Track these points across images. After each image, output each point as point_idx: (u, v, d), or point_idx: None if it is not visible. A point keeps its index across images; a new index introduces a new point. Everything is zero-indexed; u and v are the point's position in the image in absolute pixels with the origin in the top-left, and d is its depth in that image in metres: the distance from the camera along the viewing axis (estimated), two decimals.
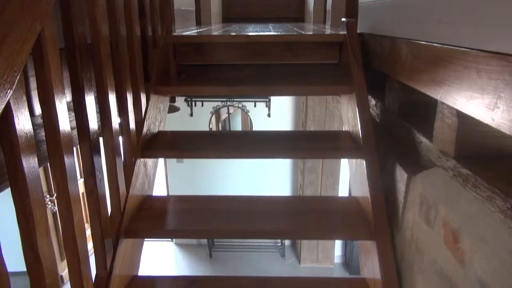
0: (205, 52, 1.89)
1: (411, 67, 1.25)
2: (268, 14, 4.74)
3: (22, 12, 0.76)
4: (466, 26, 0.90)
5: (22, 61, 0.74)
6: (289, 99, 5.10)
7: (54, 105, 0.86)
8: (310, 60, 1.90)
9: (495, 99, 0.77)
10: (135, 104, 1.45)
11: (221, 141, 1.72)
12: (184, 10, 2.58)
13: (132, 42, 1.41)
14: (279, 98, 5.08)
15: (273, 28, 2.66)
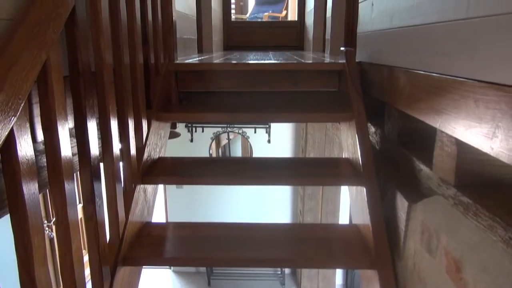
0: (206, 80, 1.92)
1: (409, 96, 1.27)
2: (269, 42, 4.83)
3: (29, 41, 0.78)
4: (463, 56, 0.92)
5: (27, 89, 0.75)
6: (289, 125, 5.13)
7: (57, 132, 0.86)
8: (310, 88, 1.93)
9: (493, 128, 0.78)
10: (137, 130, 1.46)
11: (221, 167, 1.72)
12: (186, 38, 2.64)
13: (135, 70, 1.43)
14: (279, 124, 5.12)
15: (273, 56, 2.71)
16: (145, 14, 1.58)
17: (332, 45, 2.93)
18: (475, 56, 0.87)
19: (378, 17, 1.64)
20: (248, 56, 2.77)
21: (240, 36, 4.86)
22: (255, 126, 5.13)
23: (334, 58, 2.37)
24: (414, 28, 1.24)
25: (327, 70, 1.90)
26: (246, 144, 5.32)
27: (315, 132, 4.46)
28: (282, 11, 6.09)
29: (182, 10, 2.44)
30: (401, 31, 1.36)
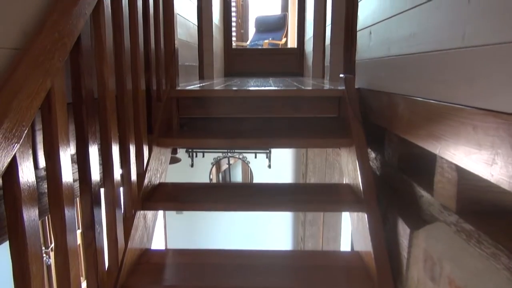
0: (208, 106, 1.94)
1: (408, 122, 1.28)
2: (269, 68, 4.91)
3: (35, 70, 0.80)
4: (461, 84, 0.94)
5: (31, 116, 0.76)
6: (290, 150, 5.15)
7: (59, 158, 0.87)
8: (309, 114, 1.95)
9: (493, 155, 0.78)
10: (138, 156, 1.46)
11: (222, 193, 1.72)
12: (188, 65, 2.68)
13: (137, 96, 1.45)
14: (280, 150, 5.13)
15: (274, 83, 2.74)
16: (148, 42, 1.61)
17: (331, 72, 2.97)
18: (473, 83, 0.88)
19: (376, 45, 1.68)
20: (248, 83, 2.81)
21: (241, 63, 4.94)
22: (256, 151, 5.15)
23: (333, 84, 2.40)
24: (412, 56, 1.26)
25: (327, 97, 1.92)
26: (246, 169, 5.31)
27: (316, 157, 4.47)
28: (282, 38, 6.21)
29: (184, 38, 2.49)
30: (399, 59, 1.39)
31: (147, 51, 1.61)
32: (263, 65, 4.94)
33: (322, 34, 3.58)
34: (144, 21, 1.53)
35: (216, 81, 3.21)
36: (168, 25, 1.88)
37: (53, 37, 0.87)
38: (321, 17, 3.60)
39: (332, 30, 2.94)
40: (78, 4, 0.96)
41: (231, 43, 4.95)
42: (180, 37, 2.32)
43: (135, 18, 1.40)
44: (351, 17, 2.74)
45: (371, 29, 1.75)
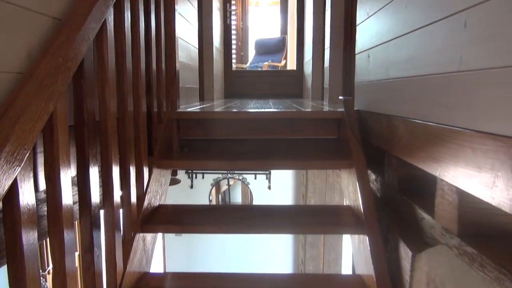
0: (208, 127, 1.95)
1: (408, 144, 1.28)
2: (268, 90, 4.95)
3: (38, 93, 0.81)
4: (459, 107, 0.95)
5: (33, 139, 0.77)
6: (290, 171, 5.14)
7: (59, 181, 0.87)
8: (309, 135, 1.96)
9: (493, 177, 0.78)
10: (138, 178, 1.46)
11: (222, 215, 1.71)
12: (189, 87, 2.71)
13: (138, 118, 1.46)
14: (280, 171, 5.12)
15: (274, 104, 2.77)
16: (149, 65, 1.63)
17: (330, 94, 3.00)
18: (471, 107, 0.89)
19: (375, 68, 1.70)
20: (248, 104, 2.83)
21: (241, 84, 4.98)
22: (256, 172, 5.14)
23: (333, 106, 2.42)
24: (410, 79, 1.28)
25: (327, 118, 1.93)
26: (246, 190, 5.29)
27: (316, 178, 4.45)
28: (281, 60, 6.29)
29: (185, 61, 2.52)
30: (397, 81, 1.40)
31: (148, 74, 1.63)
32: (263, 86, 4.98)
33: (321, 57, 3.63)
34: (146, 44, 1.56)
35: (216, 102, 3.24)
36: (170, 48, 1.91)
37: (57, 61, 0.88)
38: (320, 40, 3.66)
39: (331, 52, 2.98)
40: (82, 30, 0.98)
41: (231, 65, 5.01)
42: (181, 59, 2.35)
43: (137, 42, 1.43)
44: (350, 40, 2.79)
45: (369, 52, 1.78)
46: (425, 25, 1.15)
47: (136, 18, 1.41)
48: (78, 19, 1.01)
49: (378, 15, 1.63)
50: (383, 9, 1.55)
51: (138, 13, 1.42)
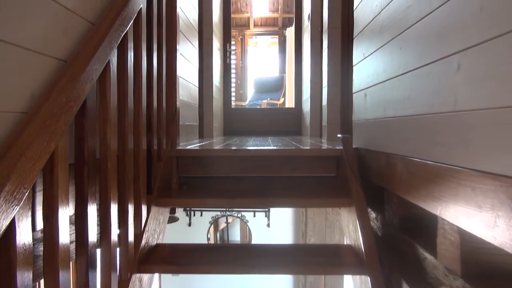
0: (207, 165, 1.96)
1: (407, 182, 1.28)
2: (267, 127, 5.00)
3: (40, 133, 0.82)
4: (457, 146, 0.96)
5: (33, 178, 0.77)
6: (289, 209, 5.08)
7: (57, 221, 0.86)
8: (308, 173, 1.96)
9: (494, 217, 0.78)
10: (136, 216, 1.45)
11: (220, 254, 1.67)
12: (188, 124, 2.74)
13: (138, 156, 1.47)
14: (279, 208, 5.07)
15: (272, 142, 2.79)
16: (151, 103, 1.66)
17: (329, 131, 3.03)
18: (469, 146, 0.90)
19: (372, 107, 1.73)
20: (247, 142, 2.85)
21: (240, 122, 5.04)
22: (255, 210, 5.08)
23: (331, 144, 2.43)
24: (407, 118, 1.30)
25: (325, 156, 1.94)
26: (245, 228, 5.21)
27: (315, 216, 4.41)
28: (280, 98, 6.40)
29: (185, 99, 2.57)
30: (395, 120, 1.42)
31: (149, 112, 1.65)
32: (262, 124, 5.03)
33: (319, 95, 3.69)
34: (147, 83, 1.59)
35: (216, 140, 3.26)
36: (171, 87, 1.94)
37: (60, 101, 0.90)
38: (317, 79, 3.74)
39: (328, 91, 3.04)
40: (86, 71, 1.00)
41: (230, 103, 5.08)
42: (181, 98, 2.39)
43: (139, 81, 1.46)
44: (347, 79, 2.86)
45: (366, 92, 1.82)
46: (420, 67, 1.18)
47: (139, 58, 1.45)
48: (82, 60, 1.03)
49: (374, 56, 1.68)
50: (379, 50, 1.60)
51: (141, 54, 1.46)
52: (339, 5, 2.95)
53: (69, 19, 1.11)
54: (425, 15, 1.13)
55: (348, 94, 2.76)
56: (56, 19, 1.04)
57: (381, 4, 1.56)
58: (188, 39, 2.64)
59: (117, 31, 1.22)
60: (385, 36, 1.51)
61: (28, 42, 0.92)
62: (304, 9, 4.59)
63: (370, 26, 1.74)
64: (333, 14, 2.99)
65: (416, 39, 1.22)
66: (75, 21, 1.14)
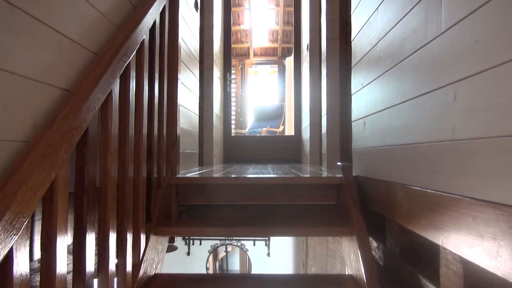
0: (207, 193, 1.95)
1: (408, 211, 1.28)
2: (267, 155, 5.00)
3: (41, 162, 0.82)
4: (456, 175, 0.96)
5: (33, 207, 0.77)
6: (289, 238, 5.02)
7: (55, 251, 0.85)
8: (308, 201, 1.95)
9: (496, 247, 0.77)
10: (134, 246, 1.43)
11: (219, 285, 1.64)
12: (189, 152, 2.75)
13: (138, 184, 1.46)
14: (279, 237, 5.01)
15: (272, 170, 2.78)
16: (151, 131, 1.67)
17: (328, 159, 3.04)
18: (468, 175, 0.90)
19: (371, 135, 1.74)
20: (247, 170, 2.85)
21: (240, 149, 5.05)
22: (254, 239, 5.02)
23: (331, 171, 2.43)
24: (406, 146, 1.31)
25: (325, 184, 1.94)
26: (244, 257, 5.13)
27: (316, 245, 4.34)
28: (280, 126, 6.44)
29: (185, 127, 2.59)
30: (394, 148, 1.43)
31: (150, 140, 1.66)
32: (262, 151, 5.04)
33: (318, 123, 3.72)
34: (148, 111, 1.61)
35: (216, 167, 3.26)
36: (171, 115, 1.96)
37: (62, 130, 0.91)
38: (317, 107, 3.78)
39: (327, 119, 3.07)
40: (89, 100, 1.02)
41: (230, 131, 5.11)
42: (182, 126, 2.41)
43: (140, 110, 1.47)
44: (346, 108, 2.89)
45: (365, 120, 1.83)
46: (417, 96, 1.20)
47: (141, 88, 1.47)
48: (85, 90, 1.05)
49: (372, 85, 1.71)
50: (376, 80, 1.63)
51: (143, 83, 1.49)
52: (337, 35, 3.02)
53: (74, 50, 1.14)
54: (421, 46, 1.16)
55: (347, 122, 2.79)
56: (60, 50, 1.07)
57: (378, 36, 1.60)
58: (189, 69, 2.69)
59: (120, 62, 1.24)
60: (382, 66, 1.54)
61: (32, 72, 0.94)
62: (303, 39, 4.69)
63: (367, 57, 1.77)
64: (331, 45, 3.06)
65: (412, 70, 1.24)
66: (79, 52, 1.17)
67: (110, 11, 1.39)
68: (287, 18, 7.70)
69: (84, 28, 1.20)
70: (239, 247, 5.10)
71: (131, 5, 1.60)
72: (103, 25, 1.34)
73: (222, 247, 5.18)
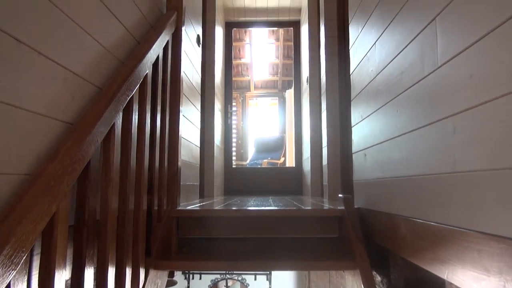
0: (208, 226, 1.93)
1: (412, 244, 1.26)
2: (268, 187, 4.98)
3: (43, 195, 0.82)
4: (459, 207, 0.96)
5: (32, 242, 0.76)
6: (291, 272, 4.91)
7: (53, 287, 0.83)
8: (310, 234, 1.92)
9: (503, 282, 0.76)
10: (133, 281, 1.40)
11: None
12: (189, 184, 2.74)
13: (138, 218, 1.45)
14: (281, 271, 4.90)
15: (273, 201, 2.76)
16: (153, 163, 1.68)
17: (330, 191, 3.02)
18: (471, 207, 0.90)
19: (372, 166, 1.74)
20: (248, 202, 2.83)
21: (241, 181, 5.03)
22: (256, 273, 4.91)
23: (333, 204, 2.42)
24: (407, 178, 1.31)
25: (327, 217, 1.92)
26: None
27: (319, 280, 4.24)
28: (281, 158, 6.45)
29: (186, 159, 2.59)
30: (395, 180, 1.43)
31: (151, 172, 1.66)
32: (263, 183, 5.03)
33: (319, 155, 3.73)
34: (150, 144, 1.62)
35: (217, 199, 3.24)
36: (173, 148, 1.97)
37: (64, 163, 0.91)
38: (317, 139, 3.80)
39: (328, 151, 3.07)
40: (92, 133, 1.03)
41: (231, 162, 5.12)
42: (183, 158, 2.42)
43: (142, 143, 1.48)
44: (346, 140, 2.90)
45: (365, 152, 1.84)
46: (417, 128, 1.21)
47: (143, 120, 1.49)
48: (88, 123, 1.06)
49: (371, 117, 1.72)
50: (376, 112, 1.65)
51: (145, 116, 1.51)
52: (336, 69, 3.08)
53: (78, 84, 1.16)
54: (418, 80, 1.19)
55: (348, 153, 2.79)
56: (65, 85, 1.09)
57: (376, 69, 1.63)
58: (190, 101, 2.73)
59: (123, 95, 1.26)
60: (381, 99, 1.56)
61: (37, 106, 0.96)
62: (302, 73, 4.78)
63: (366, 89, 1.80)
64: (331, 78, 3.12)
65: (411, 103, 1.26)
66: (83, 86, 1.19)
67: (114, 46, 1.42)
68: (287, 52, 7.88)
69: (89, 63, 1.23)
70: (240, 282, 4.98)
71: (135, 41, 1.64)
72: (107, 60, 1.37)
73: (223, 282, 5.06)
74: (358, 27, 1.98)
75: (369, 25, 1.75)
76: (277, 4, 4.84)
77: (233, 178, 5.03)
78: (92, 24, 1.25)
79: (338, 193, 2.90)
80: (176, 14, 2.04)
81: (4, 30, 0.84)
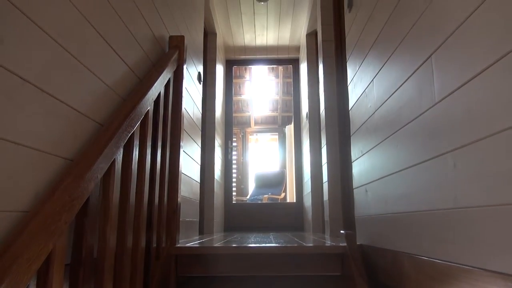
0: (207, 263, 1.88)
1: (417, 283, 1.22)
2: (269, 223, 4.92)
3: (39, 233, 0.81)
4: (462, 244, 0.94)
5: (27, 281, 0.74)
6: None
7: None
8: (312, 272, 1.87)
9: None
10: None
11: None
12: (189, 220, 2.70)
13: (136, 255, 1.42)
14: None
15: (274, 238, 2.72)
16: (152, 199, 1.66)
17: (331, 227, 2.98)
18: (474, 244, 0.88)
19: (373, 202, 1.73)
20: (249, 239, 2.78)
21: (241, 217, 4.97)
22: None
23: (334, 240, 2.37)
24: (409, 214, 1.29)
25: (329, 254, 1.88)
26: None
27: None
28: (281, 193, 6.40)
29: (186, 195, 2.57)
30: (397, 216, 1.41)
31: (150, 208, 1.65)
32: (263, 219, 4.96)
33: (320, 190, 3.71)
34: (150, 180, 1.61)
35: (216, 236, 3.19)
36: (173, 184, 1.97)
37: (63, 200, 0.90)
38: (318, 174, 3.79)
39: (329, 186, 3.06)
40: (92, 169, 1.03)
41: (231, 198, 5.08)
42: (183, 194, 2.40)
43: (142, 179, 1.48)
44: (346, 175, 2.89)
45: (366, 187, 1.83)
46: (416, 164, 1.21)
47: (143, 156, 1.49)
48: (89, 160, 1.06)
49: (371, 153, 1.73)
50: (375, 148, 1.65)
51: (146, 152, 1.51)
52: (335, 105, 3.12)
53: (80, 121, 1.17)
54: (416, 116, 1.20)
55: (349, 189, 2.78)
56: (68, 122, 1.10)
57: (375, 105, 1.65)
58: (191, 137, 2.74)
59: (125, 132, 1.27)
60: (381, 134, 1.57)
61: (39, 143, 0.96)
62: (302, 109, 4.84)
63: (365, 125, 1.82)
64: (330, 114, 3.15)
65: (410, 138, 1.27)
66: (85, 123, 1.20)
67: (116, 84, 1.45)
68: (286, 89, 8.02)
69: (91, 100, 1.25)
70: None
71: (137, 78, 1.68)
72: (109, 97, 1.39)
73: None
74: (355, 65, 2.02)
75: (367, 62, 1.79)
76: (276, 43, 4.98)
77: (233, 214, 4.98)
78: (96, 63, 1.28)
79: (340, 229, 2.85)
80: (177, 52, 2.09)
81: (9, 69, 0.86)
